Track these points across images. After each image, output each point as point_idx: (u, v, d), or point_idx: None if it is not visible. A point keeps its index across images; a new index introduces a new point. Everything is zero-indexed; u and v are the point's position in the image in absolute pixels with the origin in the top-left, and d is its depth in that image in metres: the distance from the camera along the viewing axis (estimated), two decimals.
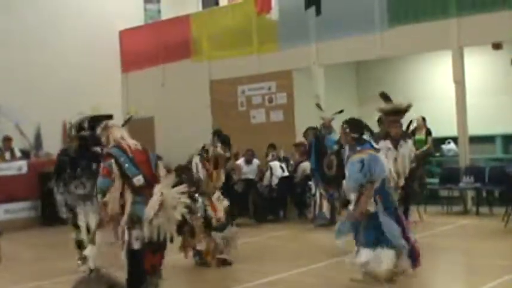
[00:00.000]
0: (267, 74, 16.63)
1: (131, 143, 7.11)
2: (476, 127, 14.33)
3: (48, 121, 17.16)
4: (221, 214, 9.42)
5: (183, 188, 7.08)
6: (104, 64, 19.07)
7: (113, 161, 6.91)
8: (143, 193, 6.86)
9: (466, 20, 13.59)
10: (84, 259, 8.87)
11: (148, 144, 19.49)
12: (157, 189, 6.81)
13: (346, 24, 15.03)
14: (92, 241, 8.73)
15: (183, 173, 9.41)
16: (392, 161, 9.07)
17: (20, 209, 14.78)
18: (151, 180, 6.93)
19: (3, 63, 16.55)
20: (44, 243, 12.70)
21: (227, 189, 11.91)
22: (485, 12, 13.29)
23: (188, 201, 7.32)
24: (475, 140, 14.31)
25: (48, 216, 13.97)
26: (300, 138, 14.70)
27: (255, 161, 14.73)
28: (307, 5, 14.92)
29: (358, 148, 7.54)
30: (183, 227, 8.58)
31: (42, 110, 16.83)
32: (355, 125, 7.83)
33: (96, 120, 9.42)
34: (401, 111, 9.44)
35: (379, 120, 12.72)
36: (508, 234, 10.83)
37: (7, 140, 15.39)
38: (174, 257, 9.83)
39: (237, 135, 16.62)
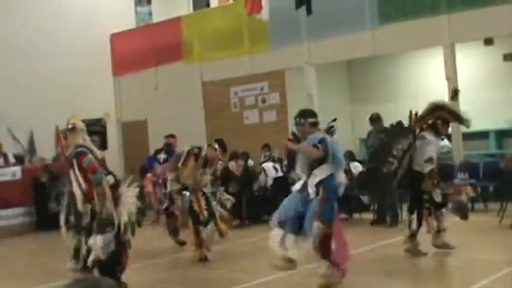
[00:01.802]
0: (259, 75, 16.63)
1: (92, 147, 7.38)
2: None
3: (41, 126, 17.13)
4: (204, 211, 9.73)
5: (136, 190, 7.47)
6: (96, 68, 19.04)
7: (90, 156, 7.08)
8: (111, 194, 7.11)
9: (456, 16, 13.62)
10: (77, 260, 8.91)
11: (141, 147, 19.59)
12: (123, 190, 7.05)
13: (337, 23, 15.03)
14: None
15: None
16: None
17: (14, 215, 14.72)
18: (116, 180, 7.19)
19: None
20: (39, 249, 12.66)
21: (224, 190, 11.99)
22: (475, 8, 13.31)
23: (138, 203, 7.63)
24: (469, 136, 14.34)
25: (43, 221, 13.94)
26: None
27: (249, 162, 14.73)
28: (298, 5, 14.90)
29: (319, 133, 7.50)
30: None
31: (35, 115, 16.79)
32: (310, 113, 7.84)
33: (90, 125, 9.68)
34: (458, 120, 9.62)
35: (371, 119, 12.75)
36: (503, 230, 10.83)
37: None
38: (172, 257, 9.85)
39: (230, 136, 16.65)
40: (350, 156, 14.45)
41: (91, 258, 7.23)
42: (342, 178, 7.58)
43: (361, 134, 16.10)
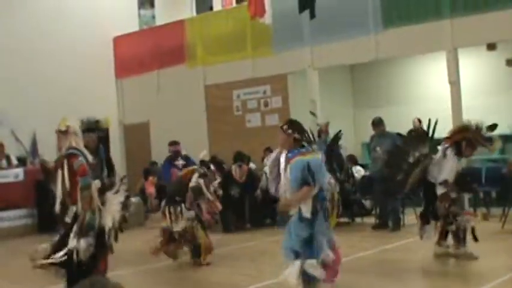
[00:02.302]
0: (261, 78, 16.63)
1: (84, 150, 7.44)
2: None
3: (44, 128, 17.08)
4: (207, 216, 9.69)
5: (122, 197, 7.52)
6: (98, 70, 19.06)
7: (81, 158, 7.12)
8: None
9: (459, 21, 13.60)
10: None
11: (143, 149, 19.60)
12: (110, 196, 7.12)
13: (340, 27, 15.03)
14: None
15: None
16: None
17: (16, 217, 14.71)
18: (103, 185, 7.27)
19: None
20: None
21: (225, 195, 11.95)
22: (478, 13, 13.29)
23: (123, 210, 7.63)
24: None
25: (45, 223, 13.92)
26: None
27: (251, 165, 14.70)
28: (301, 9, 14.91)
29: (303, 150, 6.98)
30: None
31: (37, 117, 16.79)
32: (299, 127, 7.21)
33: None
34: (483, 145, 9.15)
35: (373, 123, 12.74)
36: (506, 235, 10.82)
37: (0, 147, 15.30)
38: (167, 262, 9.83)
39: (232, 140, 16.67)
40: (352, 160, 14.46)
41: (67, 258, 7.25)
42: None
43: (363, 138, 16.10)
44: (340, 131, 9.96)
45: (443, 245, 9.07)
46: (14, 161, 15.44)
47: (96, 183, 7.32)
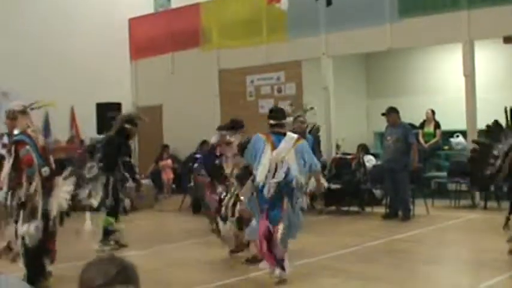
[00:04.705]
0: (276, 64, 16.59)
1: (37, 132, 7.50)
2: (486, 121, 14.22)
3: (57, 108, 17.20)
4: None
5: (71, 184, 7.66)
6: (113, 52, 19.06)
7: (28, 147, 7.16)
8: (45, 185, 7.24)
9: (477, 12, 13.51)
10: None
11: (156, 132, 19.63)
12: (58, 182, 7.20)
13: (356, 15, 14.96)
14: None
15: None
16: None
17: None
18: (52, 171, 7.33)
19: (12, 50, 16.53)
20: None
21: None
22: (496, 5, 13.20)
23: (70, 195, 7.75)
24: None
25: None
26: None
27: None
28: None
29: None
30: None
31: (50, 97, 16.72)
32: (272, 112, 8.27)
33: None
34: None
35: (385, 113, 12.72)
36: None
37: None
38: (183, 242, 9.86)
39: (245, 125, 16.63)
40: (364, 150, 14.46)
41: (21, 244, 7.35)
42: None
43: (376, 127, 16.07)
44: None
45: None
46: None
47: (44, 171, 7.37)
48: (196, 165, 13.88)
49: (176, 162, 17.64)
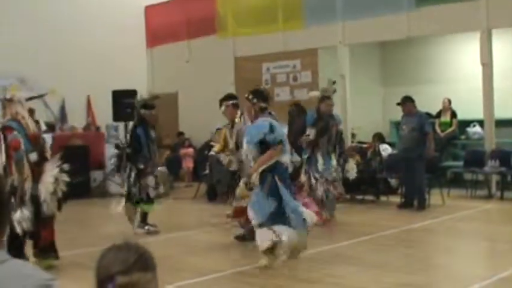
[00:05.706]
0: (292, 52, 16.54)
1: (28, 119, 7.54)
2: (503, 110, 14.17)
3: (73, 95, 17.29)
4: None
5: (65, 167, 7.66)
6: (129, 40, 19.08)
7: (15, 133, 7.24)
8: (33, 170, 7.35)
9: (495, 1, 13.40)
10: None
11: (172, 119, 19.66)
12: (47, 168, 7.22)
13: (373, 3, 14.88)
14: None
15: None
16: None
17: None
18: (42, 158, 7.37)
19: (30, 38, 16.58)
20: (63, 217, 12.74)
21: None
22: None
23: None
24: (501, 123, 14.15)
25: (70, 189, 14.03)
26: None
27: None
28: None
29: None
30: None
31: (67, 84, 16.90)
32: (263, 96, 8.01)
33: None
34: None
35: (399, 103, 12.65)
36: None
37: (30, 112, 15.43)
38: (196, 230, 9.87)
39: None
40: (380, 139, 14.41)
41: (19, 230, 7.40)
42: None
43: (392, 116, 16.00)
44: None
45: None
46: (43, 127, 15.57)
47: (32, 156, 7.43)
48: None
49: None
